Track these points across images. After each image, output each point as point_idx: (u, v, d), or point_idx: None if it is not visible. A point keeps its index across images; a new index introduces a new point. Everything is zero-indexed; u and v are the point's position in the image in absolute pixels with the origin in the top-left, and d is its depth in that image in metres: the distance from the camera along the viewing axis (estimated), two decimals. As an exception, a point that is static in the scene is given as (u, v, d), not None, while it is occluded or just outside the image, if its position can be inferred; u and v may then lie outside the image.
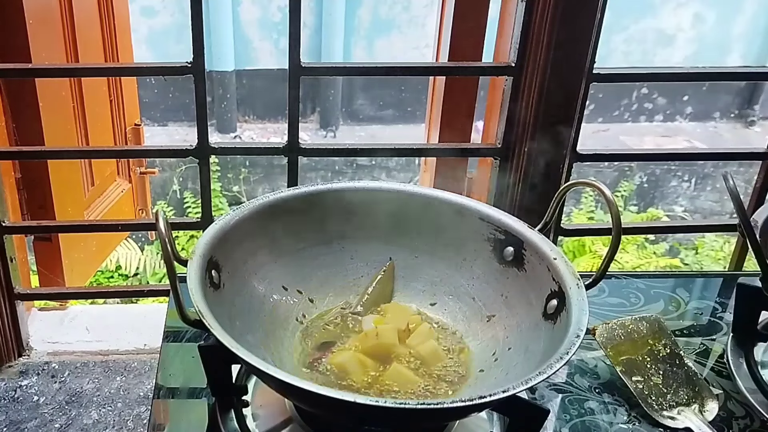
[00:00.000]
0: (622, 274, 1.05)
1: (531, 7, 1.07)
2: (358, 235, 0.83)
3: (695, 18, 5.01)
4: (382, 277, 0.83)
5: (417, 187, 0.84)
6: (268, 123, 5.16)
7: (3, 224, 1.25)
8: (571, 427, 0.76)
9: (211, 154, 1.18)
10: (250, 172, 4.48)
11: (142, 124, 2.21)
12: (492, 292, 0.78)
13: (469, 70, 1.31)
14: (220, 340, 0.58)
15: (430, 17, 4.76)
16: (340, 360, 0.72)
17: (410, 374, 0.71)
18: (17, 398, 1.32)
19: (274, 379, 0.56)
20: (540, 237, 0.75)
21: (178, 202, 4.24)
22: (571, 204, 4.09)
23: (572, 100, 1.13)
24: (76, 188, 1.81)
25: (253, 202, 0.78)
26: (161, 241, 0.61)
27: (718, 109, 5.30)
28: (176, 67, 1.14)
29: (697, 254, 3.90)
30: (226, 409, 0.72)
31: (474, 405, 0.55)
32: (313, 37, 4.89)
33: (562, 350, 0.60)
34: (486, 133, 1.42)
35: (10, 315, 1.34)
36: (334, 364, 0.72)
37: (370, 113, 5.21)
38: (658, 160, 4.16)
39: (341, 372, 0.71)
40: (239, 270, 0.74)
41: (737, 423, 0.77)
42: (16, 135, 1.51)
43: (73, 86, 1.75)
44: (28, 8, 1.47)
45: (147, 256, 3.60)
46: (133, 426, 1.29)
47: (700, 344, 0.91)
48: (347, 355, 0.73)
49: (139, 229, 2.33)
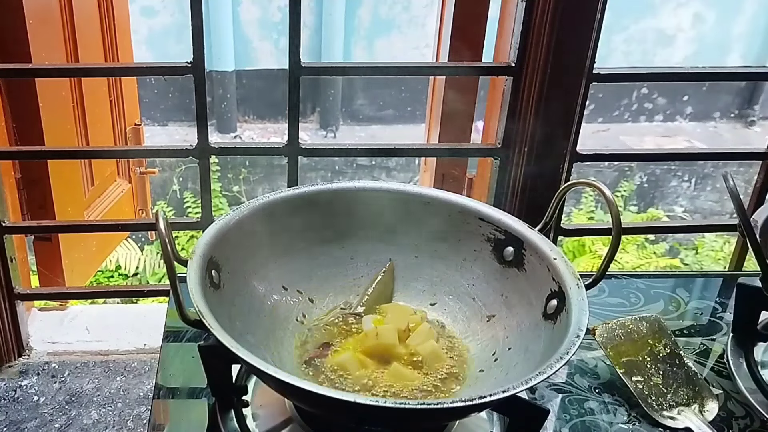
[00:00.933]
0: (622, 274, 1.05)
1: (531, 7, 1.07)
2: (358, 235, 0.83)
3: (695, 18, 5.01)
4: (382, 278, 0.83)
5: (417, 187, 0.84)
6: (268, 123, 5.16)
7: (3, 224, 1.25)
8: (571, 427, 0.76)
9: (211, 154, 1.18)
10: (250, 172, 4.48)
11: (142, 124, 2.21)
12: (492, 292, 0.78)
13: (469, 70, 1.31)
14: (220, 340, 0.58)
15: (430, 17, 4.75)
16: (340, 360, 0.72)
17: (410, 373, 0.71)
18: (17, 398, 1.32)
19: (274, 379, 0.56)
20: (540, 237, 0.75)
21: (178, 202, 4.24)
22: (571, 204, 4.09)
23: (572, 100, 1.13)
24: (76, 188, 1.81)
25: (253, 202, 0.78)
26: (161, 241, 0.61)
27: (718, 109, 5.29)
28: (176, 67, 1.14)
29: (697, 254, 3.90)
30: (226, 409, 0.72)
31: (474, 405, 0.55)
32: (313, 37, 4.89)
33: (562, 350, 0.60)
34: (486, 133, 1.42)
35: (10, 315, 1.34)
36: (334, 364, 0.72)
37: (370, 113, 5.21)
38: (658, 160, 4.16)
39: (341, 372, 0.71)
40: (239, 270, 0.74)
41: (737, 423, 0.77)
42: (16, 135, 1.51)
43: (73, 86, 1.75)
44: (28, 8, 1.47)
45: (147, 256, 3.60)
46: (133, 426, 1.29)
47: (700, 344, 0.91)
48: (347, 355, 0.73)
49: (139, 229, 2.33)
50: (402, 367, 0.72)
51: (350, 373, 0.71)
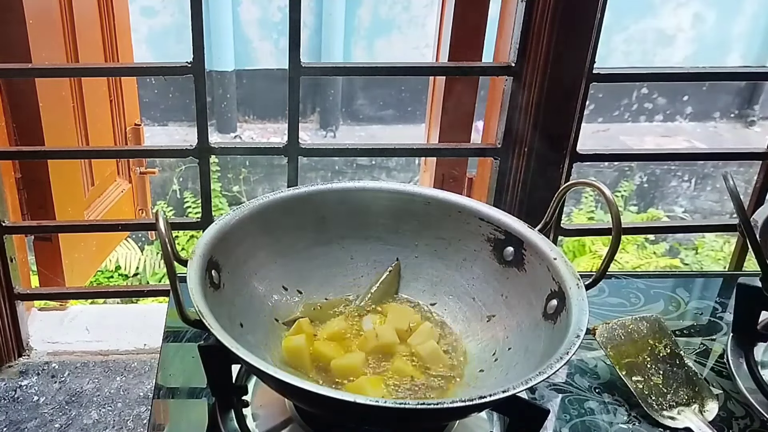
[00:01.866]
0: (622, 274, 1.05)
1: (531, 7, 1.07)
2: (358, 235, 0.83)
3: (695, 18, 5.01)
4: (387, 277, 0.83)
5: (417, 187, 0.84)
6: (268, 123, 5.16)
7: (3, 224, 1.25)
8: (571, 427, 0.76)
9: (211, 154, 1.18)
10: (250, 172, 4.48)
11: (142, 124, 2.21)
12: (492, 292, 0.78)
13: (469, 70, 1.31)
14: (220, 340, 0.58)
15: (430, 17, 4.76)
16: (341, 360, 0.72)
17: (411, 370, 0.71)
18: (17, 398, 1.32)
19: (274, 379, 0.56)
20: (540, 237, 0.75)
21: (178, 202, 4.24)
22: (571, 204, 4.09)
23: (572, 100, 1.13)
24: (76, 188, 1.81)
25: (253, 202, 0.78)
26: (161, 241, 0.61)
27: (718, 109, 5.29)
28: (176, 67, 1.14)
29: (697, 254, 3.90)
30: (226, 409, 0.72)
31: (474, 405, 0.55)
32: (313, 37, 4.89)
33: (562, 350, 0.60)
34: (486, 133, 1.42)
35: (10, 315, 1.34)
36: (334, 364, 0.72)
37: (370, 113, 5.21)
38: (658, 160, 4.15)
39: (342, 372, 0.71)
40: (239, 270, 0.74)
41: (737, 423, 0.77)
42: (16, 135, 1.51)
43: (73, 86, 1.75)
44: (28, 8, 1.47)
45: (147, 256, 3.60)
46: (133, 426, 1.29)
47: (700, 344, 0.91)
48: (347, 355, 0.73)
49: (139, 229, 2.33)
50: (402, 365, 0.72)
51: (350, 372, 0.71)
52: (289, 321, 0.78)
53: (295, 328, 0.75)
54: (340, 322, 0.77)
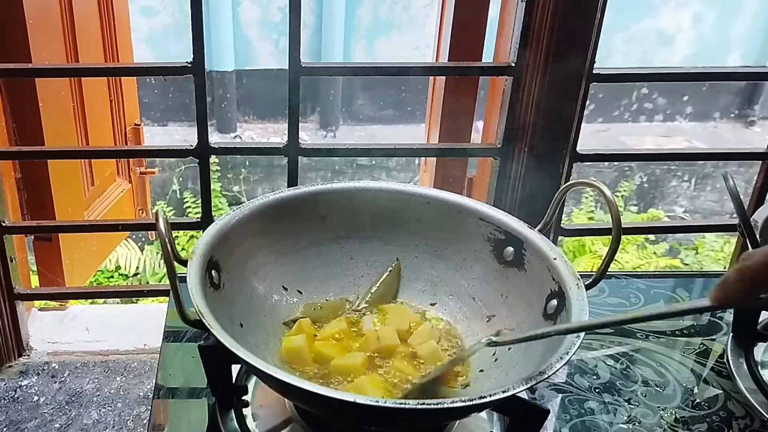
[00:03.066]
0: (622, 274, 1.05)
1: (531, 7, 1.07)
2: (358, 235, 0.83)
3: (695, 18, 5.01)
4: (386, 277, 0.83)
5: (417, 187, 0.84)
6: (268, 123, 5.15)
7: (3, 224, 1.25)
8: (571, 427, 0.76)
9: (211, 154, 1.18)
10: (250, 172, 4.48)
11: (142, 124, 2.21)
12: (492, 292, 0.78)
13: (469, 70, 1.31)
14: (220, 340, 0.58)
15: (430, 17, 4.75)
16: (341, 360, 0.72)
17: (411, 370, 0.71)
18: (17, 398, 1.32)
19: (274, 379, 0.56)
20: (540, 237, 0.75)
21: (178, 202, 4.24)
22: (571, 204, 4.09)
23: (572, 100, 1.13)
24: (76, 188, 1.81)
25: (253, 202, 0.78)
26: (161, 241, 0.61)
27: (718, 109, 5.29)
28: (176, 67, 1.14)
29: (697, 254, 3.90)
30: (226, 409, 0.72)
31: (474, 405, 0.55)
32: (313, 37, 4.89)
33: (562, 350, 0.60)
34: (486, 133, 1.42)
35: (10, 315, 1.34)
36: (334, 364, 0.72)
37: (370, 113, 5.21)
38: (658, 160, 4.15)
39: (341, 372, 0.71)
40: (239, 270, 0.74)
41: (737, 423, 0.77)
42: (16, 135, 1.51)
43: (73, 86, 1.75)
44: (28, 8, 1.47)
45: (147, 256, 3.60)
46: (133, 426, 1.29)
47: (700, 344, 0.91)
48: (347, 355, 0.73)
49: (139, 229, 2.33)
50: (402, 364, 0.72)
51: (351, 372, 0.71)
52: (289, 321, 0.78)
53: (295, 328, 0.75)
54: (340, 322, 0.77)
